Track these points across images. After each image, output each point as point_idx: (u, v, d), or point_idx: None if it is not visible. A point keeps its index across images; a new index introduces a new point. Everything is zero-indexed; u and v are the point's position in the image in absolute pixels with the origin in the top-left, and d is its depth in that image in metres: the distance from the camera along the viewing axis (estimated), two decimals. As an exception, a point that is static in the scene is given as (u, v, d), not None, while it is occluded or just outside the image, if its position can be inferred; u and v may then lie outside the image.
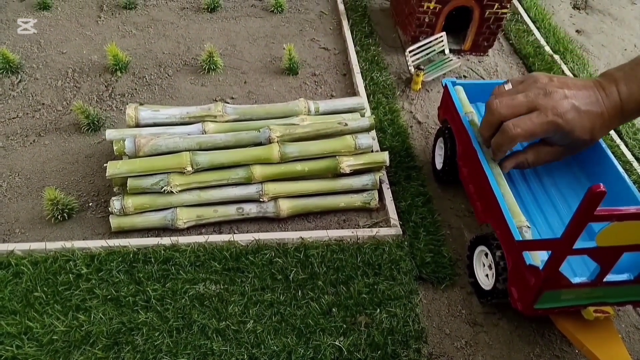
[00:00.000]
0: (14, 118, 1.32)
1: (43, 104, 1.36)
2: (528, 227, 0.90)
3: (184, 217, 1.07)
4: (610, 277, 0.79)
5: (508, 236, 0.87)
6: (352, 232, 1.09)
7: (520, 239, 0.86)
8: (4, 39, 1.56)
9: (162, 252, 1.02)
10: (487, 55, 1.65)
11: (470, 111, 1.09)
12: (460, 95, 1.13)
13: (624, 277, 0.80)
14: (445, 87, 1.15)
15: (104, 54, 1.51)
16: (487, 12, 1.50)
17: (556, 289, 0.80)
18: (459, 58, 1.58)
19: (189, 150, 1.08)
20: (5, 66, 1.42)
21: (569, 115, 0.86)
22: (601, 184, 0.65)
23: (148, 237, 1.07)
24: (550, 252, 0.76)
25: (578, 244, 0.72)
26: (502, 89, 0.96)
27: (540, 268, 0.78)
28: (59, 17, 1.67)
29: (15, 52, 1.49)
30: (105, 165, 1.06)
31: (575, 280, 0.79)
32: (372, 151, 1.18)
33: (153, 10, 1.73)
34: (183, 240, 1.05)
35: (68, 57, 1.51)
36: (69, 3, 1.73)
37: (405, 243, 1.08)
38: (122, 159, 1.09)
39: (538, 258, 0.84)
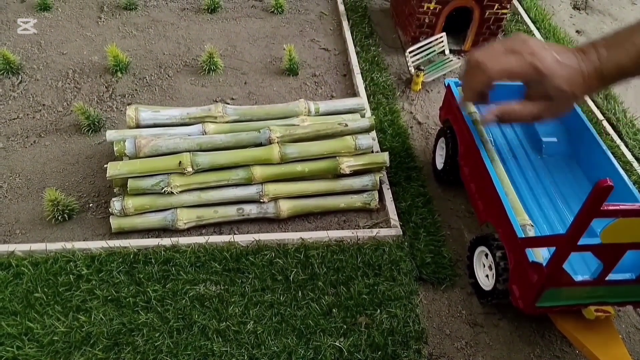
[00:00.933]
0: (14, 119, 1.32)
1: (43, 104, 1.36)
2: (531, 225, 0.89)
3: (184, 217, 1.07)
4: (612, 276, 0.79)
5: (511, 234, 0.87)
6: (352, 233, 1.09)
7: (524, 236, 0.86)
8: (5, 39, 1.56)
9: (163, 252, 1.02)
10: (487, 55, 1.65)
11: (472, 111, 1.09)
12: None
13: (625, 276, 0.80)
14: (448, 88, 1.15)
15: (104, 55, 1.51)
16: (487, 13, 1.51)
17: (559, 287, 0.80)
18: (459, 58, 1.58)
19: (189, 151, 1.08)
20: (5, 67, 1.42)
21: (548, 61, 0.85)
22: (608, 179, 0.64)
23: (148, 237, 1.07)
24: (554, 248, 0.76)
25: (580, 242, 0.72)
26: None
27: (544, 265, 0.78)
28: (59, 18, 1.67)
29: (15, 52, 1.49)
30: (105, 166, 1.05)
31: (578, 278, 0.79)
32: (372, 152, 1.18)
33: (153, 11, 1.73)
34: (183, 241, 1.05)
35: (68, 58, 1.51)
36: (69, 4, 1.73)
37: (406, 244, 1.07)
38: (122, 159, 1.09)
39: (541, 256, 0.84)
